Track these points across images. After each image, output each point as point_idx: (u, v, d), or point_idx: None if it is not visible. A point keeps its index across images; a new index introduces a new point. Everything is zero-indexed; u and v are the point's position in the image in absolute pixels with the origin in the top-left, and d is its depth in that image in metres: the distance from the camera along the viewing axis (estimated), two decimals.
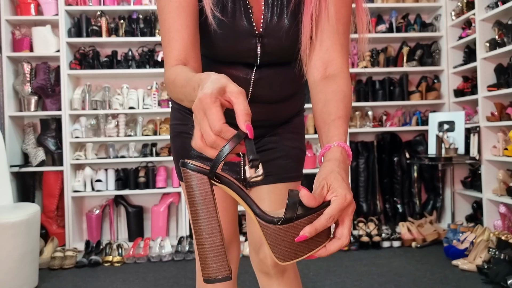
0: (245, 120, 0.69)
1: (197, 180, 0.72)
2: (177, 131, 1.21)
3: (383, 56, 3.87)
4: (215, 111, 0.68)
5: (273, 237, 0.72)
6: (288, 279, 1.18)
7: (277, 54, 1.05)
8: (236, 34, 1.00)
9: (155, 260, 3.29)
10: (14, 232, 2.48)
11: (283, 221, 0.71)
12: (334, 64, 0.96)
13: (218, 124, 0.67)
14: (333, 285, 2.65)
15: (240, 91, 0.70)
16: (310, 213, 0.72)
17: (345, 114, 0.89)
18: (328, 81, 0.94)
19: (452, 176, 3.76)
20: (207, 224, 0.73)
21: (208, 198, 0.72)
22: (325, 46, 0.96)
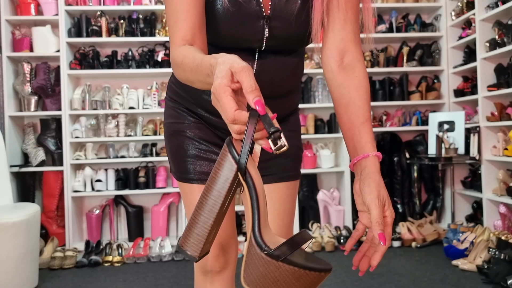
0: (253, 97, 0.69)
1: (227, 163, 0.72)
2: (172, 129, 1.19)
3: (383, 56, 3.87)
4: (226, 101, 0.69)
5: (252, 259, 0.70)
6: None
7: (284, 38, 1.04)
8: (243, 15, 0.99)
9: (155, 260, 3.29)
10: (14, 232, 2.48)
11: (269, 253, 0.68)
12: (350, 53, 0.98)
13: (231, 113, 0.68)
14: (333, 285, 2.65)
15: (241, 68, 0.70)
16: (299, 265, 0.68)
17: (369, 114, 0.94)
18: (347, 73, 0.96)
19: (452, 176, 3.76)
20: (210, 203, 0.73)
21: (226, 184, 0.72)
22: (340, 36, 0.98)
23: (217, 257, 1.17)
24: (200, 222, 0.74)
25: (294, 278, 0.69)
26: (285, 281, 0.69)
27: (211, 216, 0.73)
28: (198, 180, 1.16)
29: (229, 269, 1.23)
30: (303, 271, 0.68)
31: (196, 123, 1.17)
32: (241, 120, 0.69)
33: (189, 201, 1.19)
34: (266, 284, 0.70)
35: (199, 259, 0.75)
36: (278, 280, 0.69)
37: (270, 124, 0.69)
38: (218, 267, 1.19)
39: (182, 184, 1.19)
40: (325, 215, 3.75)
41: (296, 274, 0.68)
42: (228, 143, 0.73)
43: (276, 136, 0.68)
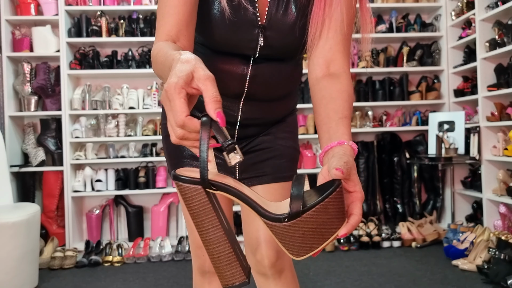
0: (215, 108, 0.66)
1: (192, 192, 0.69)
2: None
3: (383, 56, 3.87)
4: (178, 103, 0.65)
5: (283, 235, 0.69)
6: (286, 280, 1.18)
7: (278, 48, 1.03)
8: (239, 23, 0.99)
9: (155, 260, 3.29)
10: (14, 232, 2.48)
11: (289, 217, 0.67)
12: (337, 63, 0.96)
13: (181, 118, 0.65)
14: (333, 285, 2.65)
15: (207, 76, 0.67)
16: (318, 202, 0.67)
17: (350, 114, 0.89)
18: (332, 79, 0.94)
19: (452, 176, 3.76)
20: (212, 234, 0.70)
21: (207, 208, 0.70)
22: (329, 45, 0.96)
23: None
24: (220, 255, 0.71)
25: (323, 214, 0.68)
26: (319, 223, 0.68)
27: (224, 242, 0.71)
28: None
29: None
30: (324, 204, 0.67)
31: None
32: (190, 128, 0.66)
33: None
34: (309, 240, 0.69)
35: (249, 279, 0.72)
36: (315, 227, 0.68)
37: (224, 136, 0.67)
38: None
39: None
40: None
41: (322, 210, 0.67)
42: (175, 177, 0.70)
43: (231, 148, 0.67)
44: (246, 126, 1.15)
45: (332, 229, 0.69)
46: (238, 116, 1.12)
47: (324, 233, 0.69)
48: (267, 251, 1.15)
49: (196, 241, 1.18)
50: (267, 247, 1.15)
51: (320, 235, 0.69)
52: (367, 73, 3.89)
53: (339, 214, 0.69)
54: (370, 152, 3.83)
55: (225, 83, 1.06)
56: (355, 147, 0.81)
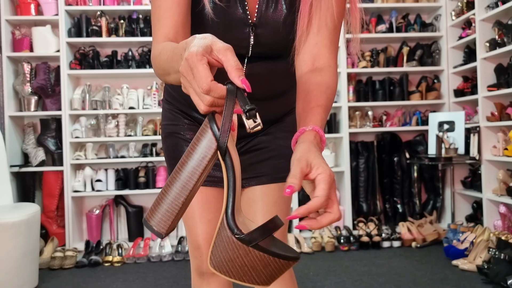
0: (238, 75, 0.67)
1: (207, 140, 0.69)
2: (168, 131, 1.20)
3: (383, 56, 3.87)
4: (201, 69, 0.65)
5: (221, 241, 0.68)
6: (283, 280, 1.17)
7: (270, 45, 1.03)
8: (229, 22, 0.99)
9: (155, 260, 3.29)
10: (14, 232, 2.48)
11: (240, 238, 0.66)
12: (322, 58, 0.96)
13: (206, 82, 0.65)
14: (333, 285, 2.65)
15: (227, 47, 0.67)
16: (269, 252, 0.66)
17: (325, 104, 0.88)
18: (314, 73, 0.94)
19: (452, 176, 3.76)
20: (183, 181, 0.70)
21: (203, 162, 0.69)
22: (315, 40, 0.96)
23: None
24: (170, 198, 0.70)
25: (262, 265, 0.67)
26: (252, 266, 0.68)
27: (184, 193, 0.70)
28: None
29: None
30: (272, 259, 0.67)
31: (191, 125, 1.17)
32: (217, 92, 0.66)
33: None
34: (233, 268, 0.68)
35: (166, 236, 0.72)
36: (246, 265, 0.68)
37: (246, 102, 0.67)
38: None
39: None
40: None
41: (265, 261, 0.67)
42: (210, 118, 0.70)
43: (252, 114, 0.67)
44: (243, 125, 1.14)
45: (254, 279, 0.69)
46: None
47: (247, 275, 0.68)
48: None
49: (194, 242, 1.17)
50: None
51: (243, 273, 0.68)
52: (367, 73, 3.89)
53: (270, 276, 0.69)
54: (370, 152, 3.83)
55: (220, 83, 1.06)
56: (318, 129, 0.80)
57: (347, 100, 3.72)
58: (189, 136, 1.17)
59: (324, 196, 0.69)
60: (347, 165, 3.69)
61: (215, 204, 1.17)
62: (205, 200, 1.16)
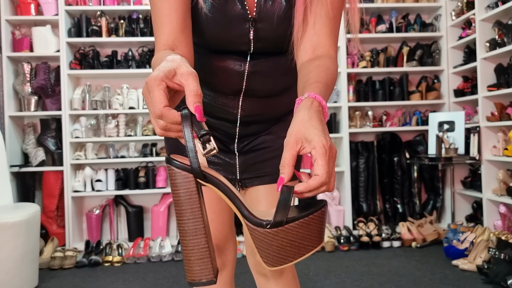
0: (194, 102, 0.68)
1: (182, 179, 0.70)
2: None
3: (383, 56, 3.87)
4: (157, 94, 0.67)
5: (261, 241, 0.69)
6: (286, 280, 1.18)
7: (270, 40, 1.03)
8: (228, 18, 0.98)
9: (155, 260, 3.29)
10: (14, 232, 2.48)
11: (272, 225, 0.68)
12: (322, 46, 0.96)
13: (159, 108, 0.67)
14: (333, 285, 2.65)
15: (189, 72, 0.69)
16: (302, 216, 0.68)
17: (325, 81, 0.86)
18: (313, 60, 0.94)
19: (452, 176, 3.76)
20: (192, 225, 0.70)
21: (193, 198, 0.70)
22: (314, 30, 0.96)
23: None
24: (195, 247, 0.71)
25: (305, 230, 0.69)
26: (299, 237, 0.69)
27: (201, 235, 0.70)
28: None
29: (227, 270, 1.23)
30: (308, 219, 0.69)
31: None
32: (169, 118, 0.68)
33: None
34: (286, 252, 0.69)
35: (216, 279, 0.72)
36: (294, 241, 0.69)
37: (200, 127, 0.68)
38: None
39: None
40: None
41: (305, 225, 0.69)
42: (168, 161, 0.70)
43: (206, 139, 0.68)
44: (247, 124, 1.14)
45: (309, 246, 0.70)
46: (238, 114, 1.11)
47: (301, 248, 0.70)
48: None
49: None
50: None
51: (297, 249, 0.69)
52: (367, 73, 3.89)
53: (318, 233, 0.70)
54: (370, 152, 3.83)
55: (223, 81, 1.06)
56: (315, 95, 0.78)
57: (347, 100, 3.72)
58: None
59: (323, 173, 0.69)
60: (347, 165, 3.69)
61: (216, 204, 1.17)
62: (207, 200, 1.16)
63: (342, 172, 3.73)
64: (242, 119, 1.12)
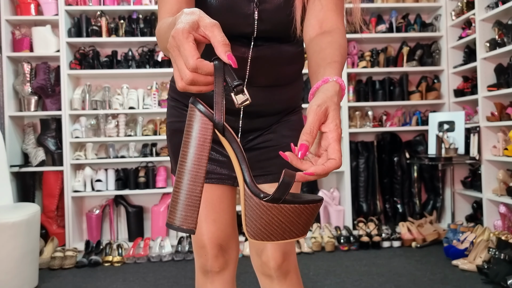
0: (225, 51, 0.66)
1: (201, 123, 0.69)
2: (173, 128, 1.20)
3: (383, 56, 3.87)
4: (187, 47, 0.65)
5: (253, 211, 0.69)
6: (291, 282, 1.17)
7: (274, 22, 1.03)
8: (233, 0, 1.00)
9: (155, 260, 3.29)
10: (14, 232, 2.48)
11: (269, 199, 0.68)
12: (329, 21, 0.96)
13: (192, 60, 0.65)
14: (333, 285, 2.65)
15: (213, 23, 0.67)
16: (298, 202, 0.70)
17: (341, 60, 0.87)
18: (323, 35, 0.94)
19: (452, 176, 3.76)
20: (194, 171, 0.69)
21: (206, 145, 0.69)
22: (319, 6, 0.97)
23: (216, 257, 1.17)
24: (187, 192, 0.69)
25: (296, 216, 0.70)
26: (289, 221, 0.70)
27: (199, 182, 0.69)
28: None
29: (230, 269, 1.23)
30: (303, 207, 0.70)
31: None
32: (204, 70, 0.66)
33: None
34: (272, 231, 0.70)
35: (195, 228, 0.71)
36: (283, 222, 0.70)
37: (233, 77, 0.68)
38: (218, 268, 1.18)
39: None
40: (325, 215, 3.75)
41: (298, 211, 0.70)
42: (194, 101, 0.69)
43: (240, 89, 0.68)
44: (250, 117, 1.14)
45: (294, 233, 0.72)
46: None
47: (286, 231, 0.71)
48: (273, 253, 1.14)
49: (198, 241, 1.17)
50: (274, 249, 1.14)
51: (282, 231, 0.71)
52: (367, 72, 3.89)
53: (306, 224, 0.72)
54: (370, 152, 3.83)
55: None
56: (341, 82, 0.79)
57: (347, 100, 3.72)
58: None
59: (339, 157, 0.70)
60: (347, 165, 3.69)
61: (219, 204, 1.17)
62: (210, 200, 1.16)
63: (342, 172, 3.73)
64: (245, 110, 1.12)
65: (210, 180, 1.16)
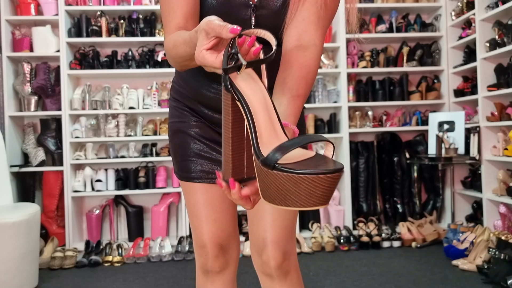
0: (226, 29, 0.74)
1: (224, 95, 0.78)
2: (175, 129, 1.20)
3: (383, 56, 3.87)
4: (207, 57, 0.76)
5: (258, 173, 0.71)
6: (291, 281, 1.18)
7: (270, 27, 1.03)
8: (232, 5, 1.02)
9: (155, 260, 3.29)
10: (14, 232, 2.48)
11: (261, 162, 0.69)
12: (308, 35, 0.96)
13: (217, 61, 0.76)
14: (333, 285, 2.65)
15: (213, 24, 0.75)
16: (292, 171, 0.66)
17: (305, 92, 0.91)
18: (298, 51, 0.95)
19: (452, 176, 3.76)
20: (224, 133, 0.79)
21: (227, 109, 0.77)
22: (302, 16, 0.97)
23: (217, 257, 1.18)
24: (224, 150, 0.80)
25: (293, 185, 0.66)
26: (286, 189, 0.67)
27: (228, 142, 0.78)
28: (199, 178, 1.16)
29: (230, 269, 1.23)
30: (297, 176, 0.66)
31: (198, 122, 1.18)
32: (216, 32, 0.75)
33: (190, 200, 1.19)
34: (273, 194, 0.69)
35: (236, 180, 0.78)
36: (281, 189, 0.67)
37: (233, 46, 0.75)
38: (218, 267, 1.19)
39: (184, 183, 1.20)
40: (325, 215, 3.75)
41: (294, 181, 0.66)
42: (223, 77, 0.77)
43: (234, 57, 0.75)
44: None
45: (297, 203, 0.67)
46: None
47: (287, 199, 0.68)
48: (274, 252, 1.15)
49: (199, 241, 1.18)
50: (274, 249, 1.14)
51: (283, 197, 0.68)
52: (367, 73, 3.89)
53: (309, 195, 0.67)
54: (370, 152, 3.83)
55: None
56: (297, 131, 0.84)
57: (347, 100, 3.72)
58: (196, 132, 1.17)
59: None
60: (347, 165, 3.69)
61: (220, 203, 1.18)
62: (210, 200, 1.17)
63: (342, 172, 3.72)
64: None
65: (211, 180, 1.17)
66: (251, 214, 1.21)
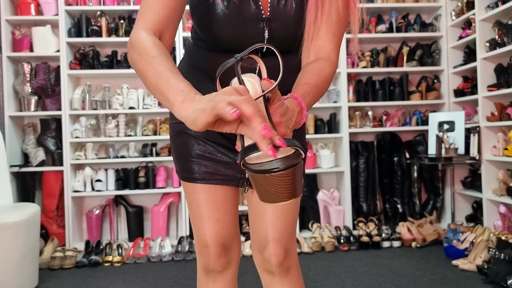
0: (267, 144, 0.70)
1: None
2: (177, 130, 1.20)
3: (383, 56, 3.87)
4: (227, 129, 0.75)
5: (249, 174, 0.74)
6: (292, 278, 1.18)
7: (283, 40, 1.06)
8: (243, 18, 1.02)
9: (155, 260, 3.29)
10: (14, 232, 2.48)
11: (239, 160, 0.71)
12: (324, 50, 1.01)
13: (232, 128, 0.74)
14: (333, 285, 2.65)
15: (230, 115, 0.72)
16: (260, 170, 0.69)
17: (314, 82, 0.92)
18: (312, 62, 1.00)
19: (452, 176, 3.76)
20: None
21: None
22: (319, 34, 1.01)
23: (219, 257, 1.18)
24: None
25: (264, 182, 0.70)
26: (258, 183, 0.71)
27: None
28: (203, 179, 1.17)
29: (231, 269, 1.23)
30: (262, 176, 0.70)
31: None
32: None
33: (192, 200, 1.20)
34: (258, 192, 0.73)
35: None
36: (259, 183, 0.71)
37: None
38: (220, 267, 1.19)
39: (186, 183, 1.20)
40: (325, 215, 3.75)
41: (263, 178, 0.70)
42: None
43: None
44: None
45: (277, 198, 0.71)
46: None
47: (271, 196, 0.71)
48: (275, 249, 1.16)
49: (201, 241, 1.18)
50: (276, 246, 1.16)
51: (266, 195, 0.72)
52: (367, 73, 3.89)
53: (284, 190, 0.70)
54: (370, 152, 3.83)
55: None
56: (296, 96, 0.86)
57: (347, 100, 3.72)
58: (198, 133, 1.17)
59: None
60: (347, 165, 3.69)
61: (223, 203, 1.19)
62: (214, 199, 1.17)
63: (342, 172, 3.73)
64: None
65: (214, 180, 1.17)
66: (252, 212, 1.21)
